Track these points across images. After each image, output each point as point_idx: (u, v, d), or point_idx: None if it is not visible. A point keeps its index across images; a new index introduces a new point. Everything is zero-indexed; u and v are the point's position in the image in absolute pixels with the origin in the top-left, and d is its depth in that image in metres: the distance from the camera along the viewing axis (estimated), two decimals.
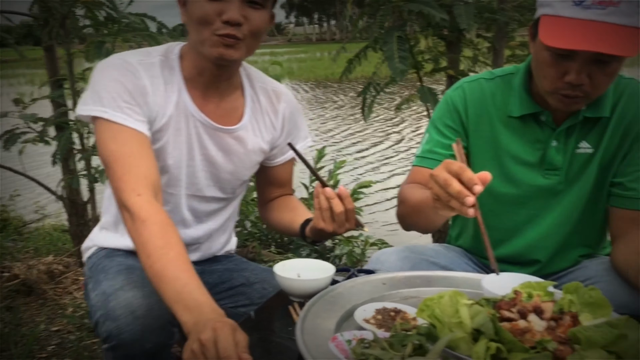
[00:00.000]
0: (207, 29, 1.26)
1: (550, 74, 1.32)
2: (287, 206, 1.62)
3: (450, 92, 1.57)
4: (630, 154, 1.43)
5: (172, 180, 1.41)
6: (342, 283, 1.29)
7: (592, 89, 1.30)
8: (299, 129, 1.59)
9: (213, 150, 1.43)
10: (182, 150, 1.39)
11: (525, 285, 1.12)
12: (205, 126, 1.40)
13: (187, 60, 1.38)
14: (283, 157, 1.59)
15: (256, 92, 1.50)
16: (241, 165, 1.48)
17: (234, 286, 1.56)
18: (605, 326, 0.90)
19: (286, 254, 3.78)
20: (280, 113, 1.53)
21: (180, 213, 1.46)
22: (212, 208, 1.51)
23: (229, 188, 1.51)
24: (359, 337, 1.00)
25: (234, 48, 1.28)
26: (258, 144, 1.49)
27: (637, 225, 1.40)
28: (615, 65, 1.28)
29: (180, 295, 1.06)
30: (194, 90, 1.39)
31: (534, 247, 1.54)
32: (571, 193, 1.48)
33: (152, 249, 1.13)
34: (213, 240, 1.58)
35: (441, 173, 1.07)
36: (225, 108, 1.43)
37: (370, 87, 2.60)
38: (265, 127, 1.50)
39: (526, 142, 1.48)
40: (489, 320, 0.92)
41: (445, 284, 1.33)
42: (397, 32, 2.06)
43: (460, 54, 2.47)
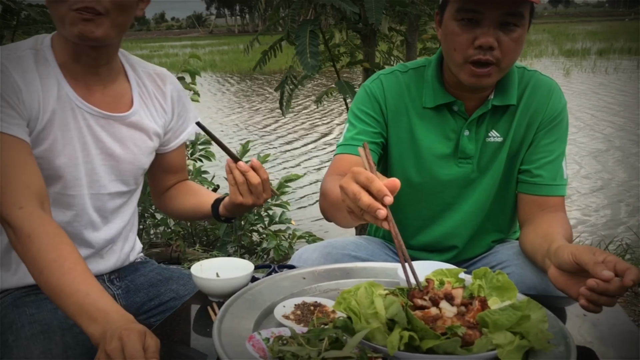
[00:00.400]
0: (63, 5, 1.17)
1: (460, 43, 1.36)
2: (189, 191, 1.58)
3: (369, 83, 1.59)
4: (535, 142, 1.50)
5: (70, 181, 1.32)
6: (262, 280, 1.28)
7: (501, 55, 1.35)
8: (188, 110, 1.54)
9: (109, 141, 1.35)
10: (74, 147, 1.30)
11: (437, 272, 1.16)
12: (95, 116, 1.32)
13: (60, 48, 1.28)
14: (177, 142, 1.54)
15: (140, 77, 1.43)
16: (140, 153, 1.42)
17: (164, 301, 1.50)
18: (509, 309, 0.95)
19: (212, 252, 3.72)
20: (168, 95, 1.48)
21: (87, 215, 1.38)
22: (117, 204, 1.44)
23: (131, 179, 1.44)
24: (277, 334, 1.00)
25: (94, 23, 1.19)
26: (153, 128, 1.44)
27: (543, 209, 1.48)
28: (520, 31, 1.35)
29: (82, 308, 1.01)
30: (75, 80, 1.30)
31: (451, 234, 1.59)
32: (483, 181, 1.54)
33: (44, 264, 1.05)
34: (126, 240, 1.51)
35: (350, 185, 0.99)
36: (112, 95, 1.36)
37: (288, 80, 2.59)
38: (156, 110, 1.45)
39: (440, 132, 1.52)
40: (401, 310, 0.94)
41: (363, 275, 1.35)
42: (310, 27, 2.06)
43: (375, 47, 2.51)
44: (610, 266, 1.03)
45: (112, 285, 1.48)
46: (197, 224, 4.03)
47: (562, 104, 1.51)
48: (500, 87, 1.47)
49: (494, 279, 1.10)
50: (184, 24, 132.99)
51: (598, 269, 1.03)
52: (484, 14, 1.32)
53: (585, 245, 1.14)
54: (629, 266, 1.02)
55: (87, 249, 1.40)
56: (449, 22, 1.38)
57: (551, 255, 1.19)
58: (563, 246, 1.16)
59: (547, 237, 1.29)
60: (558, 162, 1.50)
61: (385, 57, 2.57)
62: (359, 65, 2.54)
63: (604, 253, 1.08)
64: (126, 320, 0.99)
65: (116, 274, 1.51)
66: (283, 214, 3.91)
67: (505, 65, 1.39)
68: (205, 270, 1.31)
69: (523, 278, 1.39)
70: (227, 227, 3.74)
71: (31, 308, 1.28)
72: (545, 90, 1.50)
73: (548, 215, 1.44)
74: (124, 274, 1.53)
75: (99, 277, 1.45)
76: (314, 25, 2.04)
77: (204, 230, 4.07)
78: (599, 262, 1.04)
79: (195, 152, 3.69)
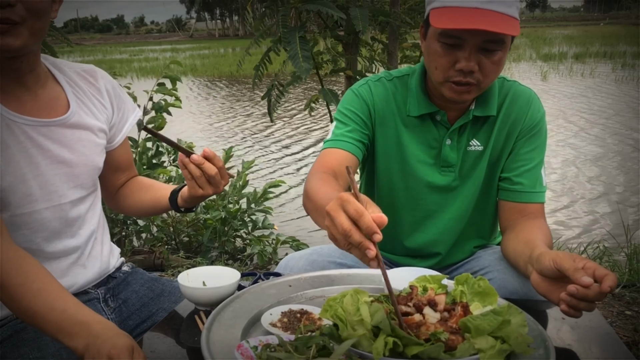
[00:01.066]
0: None
1: (441, 64, 1.39)
2: (142, 187, 1.55)
3: (358, 87, 1.60)
4: (515, 151, 1.54)
5: (21, 199, 1.24)
6: (248, 288, 1.30)
7: (482, 77, 1.39)
8: (125, 102, 1.51)
9: (55, 148, 1.29)
10: (18, 164, 1.22)
11: (420, 279, 1.19)
12: (34, 126, 1.25)
13: None
14: (121, 136, 1.50)
15: (70, 77, 1.37)
16: (91, 153, 1.37)
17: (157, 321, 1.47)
18: (490, 314, 0.98)
19: (195, 258, 3.72)
20: (103, 90, 1.43)
21: (46, 229, 1.31)
22: (81, 210, 1.38)
23: (89, 182, 1.39)
24: (265, 342, 1.02)
25: (12, 35, 1.12)
26: (97, 125, 1.39)
27: (523, 216, 1.52)
28: (500, 54, 1.38)
29: (61, 325, 1.00)
30: (2, 95, 1.22)
31: (434, 241, 1.62)
32: (465, 189, 1.58)
33: (12, 290, 1.04)
34: (102, 243, 1.48)
35: (339, 216, 0.94)
36: (45, 101, 1.29)
37: (274, 88, 2.61)
38: (95, 107, 1.40)
39: (424, 140, 1.56)
40: (385, 318, 0.96)
41: (348, 282, 1.38)
42: (298, 33, 2.09)
43: (357, 55, 2.55)
44: (590, 272, 1.07)
45: (107, 307, 1.45)
46: (180, 231, 4.02)
47: (540, 113, 1.55)
48: (481, 98, 1.51)
49: (475, 284, 1.13)
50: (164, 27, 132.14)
51: (578, 275, 1.06)
52: (465, 40, 1.35)
53: (566, 252, 1.18)
54: (607, 272, 1.06)
55: (60, 261, 1.36)
56: (432, 42, 1.41)
57: (533, 262, 1.22)
58: (545, 252, 1.20)
59: (528, 243, 1.33)
60: (537, 169, 1.54)
61: (367, 65, 2.61)
62: (340, 74, 2.57)
63: (583, 260, 1.11)
64: (110, 331, 0.99)
65: (110, 292, 1.48)
66: (266, 220, 3.92)
67: (485, 85, 1.42)
68: (192, 279, 1.32)
69: (505, 283, 1.42)
70: (210, 233, 3.74)
71: (34, 351, 1.23)
72: (524, 100, 1.54)
73: (529, 222, 1.48)
74: (117, 290, 1.50)
75: (92, 295, 1.43)
76: (302, 31, 2.07)
77: (187, 237, 4.06)
78: (578, 269, 1.08)
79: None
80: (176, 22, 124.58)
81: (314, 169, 1.49)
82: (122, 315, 1.48)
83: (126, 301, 1.50)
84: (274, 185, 4.01)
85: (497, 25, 1.31)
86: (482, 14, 1.32)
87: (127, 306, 1.49)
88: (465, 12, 1.33)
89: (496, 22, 1.31)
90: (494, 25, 1.30)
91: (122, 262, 1.58)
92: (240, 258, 3.83)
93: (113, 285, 1.50)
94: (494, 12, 1.32)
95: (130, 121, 1.52)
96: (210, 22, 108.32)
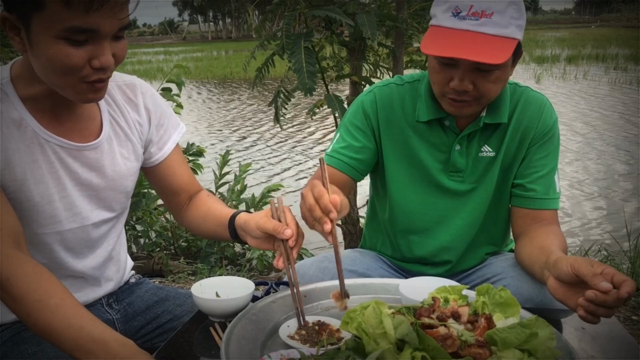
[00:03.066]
0: (73, 77, 1.09)
1: (437, 80, 1.41)
2: (206, 215, 1.43)
3: (362, 97, 1.62)
4: (528, 158, 1.53)
5: (45, 219, 1.24)
6: (263, 299, 1.28)
7: (479, 94, 1.38)
8: (168, 116, 1.43)
9: (83, 171, 1.27)
10: (47, 184, 1.21)
11: (441, 289, 1.17)
12: (66, 149, 1.23)
13: (26, 83, 1.17)
14: (162, 153, 1.42)
15: (109, 92, 1.32)
16: (119, 178, 1.33)
17: (162, 323, 1.46)
18: (518, 327, 0.96)
19: (195, 264, 3.68)
20: (141, 106, 1.37)
21: (67, 249, 1.30)
22: (103, 231, 1.36)
23: (116, 205, 1.36)
24: (287, 356, 1.00)
25: (103, 89, 1.15)
26: (129, 148, 1.35)
27: (537, 222, 1.51)
28: (498, 73, 1.37)
29: (78, 343, 0.98)
30: (41, 113, 1.20)
31: (445, 247, 1.61)
32: (476, 195, 1.56)
33: (30, 306, 1.02)
34: (118, 261, 1.46)
35: (307, 196, 1.14)
36: (82, 122, 1.27)
37: (280, 94, 2.59)
38: (129, 128, 1.35)
39: (432, 145, 1.55)
40: (412, 330, 0.94)
41: (363, 292, 1.36)
42: (304, 42, 2.05)
43: (363, 61, 2.53)
44: (608, 278, 1.05)
45: (111, 309, 1.44)
46: (179, 236, 3.99)
47: (553, 119, 1.54)
48: (492, 105, 1.50)
49: (497, 295, 1.11)
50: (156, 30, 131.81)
51: (596, 280, 1.05)
52: (458, 60, 1.34)
53: (584, 257, 1.17)
54: (626, 278, 1.05)
55: (76, 279, 1.35)
56: (430, 57, 1.42)
57: (550, 267, 1.21)
58: (561, 258, 1.18)
59: (543, 249, 1.32)
60: (550, 176, 1.53)
61: (372, 70, 2.59)
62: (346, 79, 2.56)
63: (602, 265, 1.10)
64: (128, 350, 0.98)
65: (113, 297, 1.47)
66: None
67: (486, 100, 1.42)
68: (204, 290, 1.30)
69: (520, 290, 1.41)
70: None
71: (32, 345, 1.23)
72: (536, 107, 1.53)
73: (543, 228, 1.47)
74: (121, 297, 1.49)
75: (96, 302, 1.42)
76: (307, 41, 2.03)
77: (185, 242, 4.03)
78: (597, 274, 1.06)
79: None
80: (169, 24, 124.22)
81: (314, 177, 1.52)
82: (127, 315, 1.46)
83: (130, 304, 1.49)
84: (272, 189, 3.99)
85: (481, 53, 1.30)
86: (472, 38, 1.31)
87: (132, 307, 1.48)
88: (456, 35, 1.33)
89: (482, 48, 1.30)
90: (478, 54, 1.29)
91: (131, 275, 1.57)
92: (240, 263, 3.80)
93: (117, 293, 1.49)
94: (486, 36, 1.31)
95: (173, 138, 1.44)
96: (203, 25, 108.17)
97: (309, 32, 2.07)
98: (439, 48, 1.34)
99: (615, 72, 17.07)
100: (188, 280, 3.43)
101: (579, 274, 1.10)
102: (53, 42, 1.04)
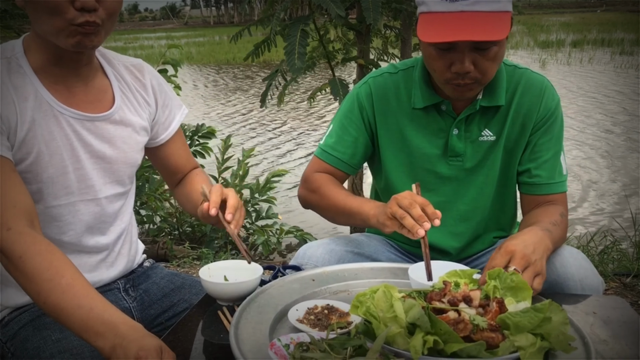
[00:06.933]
0: (60, 19, 1.13)
1: (438, 67, 1.38)
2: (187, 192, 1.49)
3: (357, 88, 1.62)
4: (532, 143, 1.51)
5: (60, 191, 1.26)
6: (272, 283, 1.27)
7: (480, 75, 1.36)
8: (171, 98, 1.48)
9: (97, 143, 1.30)
10: (62, 155, 1.24)
11: (451, 274, 1.16)
12: (80, 120, 1.26)
13: (36, 52, 1.22)
14: (167, 133, 1.47)
15: (118, 70, 1.38)
16: (130, 150, 1.37)
17: (178, 312, 1.46)
18: (530, 311, 0.95)
19: (200, 248, 3.68)
20: (149, 86, 1.42)
21: (82, 222, 1.31)
22: (117, 207, 1.39)
23: (126, 179, 1.39)
24: (296, 340, 0.99)
25: (94, 34, 1.17)
26: (139, 123, 1.38)
27: (542, 206, 1.49)
28: (496, 49, 1.35)
29: (87, 324, 0.98)
30: (54, 85, 1.24)
31: (451, 233, 1.59)
32: (479, 180, 1.55)
33: (40, 284, 1.02)
34: (131, 242, 1.47)
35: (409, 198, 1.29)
36: (94, 93, 1.31)
37: (278, 74, 2.56)
38: (139, 104, 1.39)
39: (430, 131, 1.53)
40: (424, 314, 0.93)
41: (372, 276, 1.35)
42: (302, 25, 2.02)
43: (369, 44, 2.50)
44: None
45: (128, 296, 1.44)
46: (183, 221, 3.99)
47: (555, 101, 1.52)
48: (488, 88, 1.48)
49: (508, 279, 1.10)
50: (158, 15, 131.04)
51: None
52: (456, 43, 1.32)
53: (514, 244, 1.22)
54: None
55: (90, 256, 1.36)
56: (426, 45, 1.39)
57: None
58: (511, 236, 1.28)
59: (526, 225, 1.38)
60: (556, 159, 1.52)
61: (380, 53, 2.56)
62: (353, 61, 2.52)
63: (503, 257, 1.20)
64: (137, 332, 0.97)
65: (130, 282, 1.46)
66: (270, 209, 3.89)
67: (486, 80, 1.40)
68: (213, 274, 1.29)
69: None
70: None
71: (55, 332, 1.22)
72: (536, 89, 1.50)
73: (540, 207, 1.49)
74: (137, 281, 1.49)
75: (113, 286, 1.42)
76: (305, 24, 2.00)
77: (190, 227, 4.03)
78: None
79: (193, 144, 3.61)
80: (170, 9, 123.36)
81: (314, 168, 1.62)
82: (144, 304, 1.46)
83: (147, 291, 1.48)
84: (277, 174, 3.98)
85: (483, 32, 1.28)
86: (469, 18, 1.29)
87: (149, 295, 1.47)
88: (450, 18, 1.30)
89: (482, 27, 1.29)
90: (479, 32, 1.28)
91: (144, 259, 1.56)
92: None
93: (133, 277, 1.49)
94: (481, 14, 1.29)
95: (177, 118, 1.49)
96: (205, 10, 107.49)
97: (308, 15, 2.05)
98: (438, 34, 1.31)
99: (621, 57, 16.92)
100: (193, 265, 3.44)
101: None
102: None
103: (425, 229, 1.22)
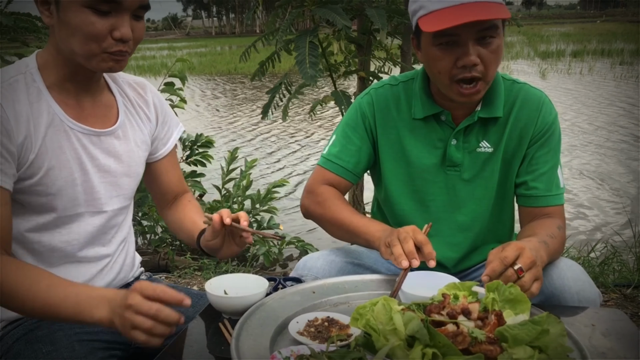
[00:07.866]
0: (96, 45, 1.19)
1: (443, 66, 1.40)
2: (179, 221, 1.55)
3: (360, 98, 1.64)
4: (529, 156, 1.53)
5: (68, 202, 1.30)
6: (272, 295, 1.28)
7: (485, 69, 1.39)
8: (170, 116, 1.55)
9: (103, 157, 1.35)
10: (71, 169, 1.29)
11: (450, 286, 1.17)
12: (87, 135, 1.32)
13: (53, 68, 1.27)
14: (165, 149, 1.53)
15: (121, 87, 1.44)
16: (134, 164, 1.42)
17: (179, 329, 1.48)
18: (529, 324, 0.96)
19: (201, 259, 3.69)
20: (151, 103, 1.48)
21: (86, 234, 1.35)
22: (119, 221, 1.43)
23: (129, 192, 1.44)
24: (297, 352, 1.00)
25: (123, 61, 1.25)
26: (141, 137, 1.44)
27: (540, 218, 1.51)
28: (497, 41, 1.38)
29: (79, 306, 1.04)
30: (65, 100, 1.29)
31: (449, 244, 1.60)
32: (477, 191, 1.56)
33: (23, 294, 1.08)
34: (126, 254, 1.49)
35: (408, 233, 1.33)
36: (101, 109, 1.36)
37: (282, 86, 2.58)
38: (141, 119, 1.45)
39: (429, 142, 1.55)
40: (422, 327, 0.94)
41: (372, 288, 1.36)
42: (309, 37, 2.06)
43: (370, 56, 2.52)
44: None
45: None
46: None
47: (552, 116, 1.54)
48: (486, 99, 1.50)
49: (506, 291, 1.11)
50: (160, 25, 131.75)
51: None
52: (460, 35, 1.35)
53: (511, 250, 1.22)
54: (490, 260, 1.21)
55: (90, 266, 1.37)
56: (429, 48, 1.41)
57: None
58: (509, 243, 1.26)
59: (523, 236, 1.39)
60: (552, 172, 1.53)
61: (381, 65, 2.58)
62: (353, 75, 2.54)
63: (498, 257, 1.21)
64: (123, 293, 1.03)
65: None
66: (271, 220, 3.90)
67: (490, 77, 1.42)
68: (214, 288, 1.30)
69: None
70: None
71: (46, 345, 1.24)
72: (534, 104, 1.53)
73: (537, 220, 1.50)
74: None
75: None
76: (313, 36, 2.03)
77: None
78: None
79: (193, 154, 3.63)
80: (172, 19, 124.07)
81: (317, 180, 1.63)
82: None
83: None
84: (278, 185, 3.99)
85: (486, 13, 1.32)
86: (468, 7, 1.33)
87: None
88: (451, 10, 1.33)
89: (484, 10, 1.33)
90: (483, 13, 1.32)
91: (141, 272, 1.58)
92: (246, 258, 3.81)
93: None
94: (478, 3, 1.33)
95: (174, 136, 1.55)
96: (206, 20, 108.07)
97: (314, 28, 2.07)
98: (443, 22, 1.33)
99: (621, 67, 16.98)
100: (194, 275, 3.44)
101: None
102: (80, 10, 1.16)
103: (413, 265, 1.26)
